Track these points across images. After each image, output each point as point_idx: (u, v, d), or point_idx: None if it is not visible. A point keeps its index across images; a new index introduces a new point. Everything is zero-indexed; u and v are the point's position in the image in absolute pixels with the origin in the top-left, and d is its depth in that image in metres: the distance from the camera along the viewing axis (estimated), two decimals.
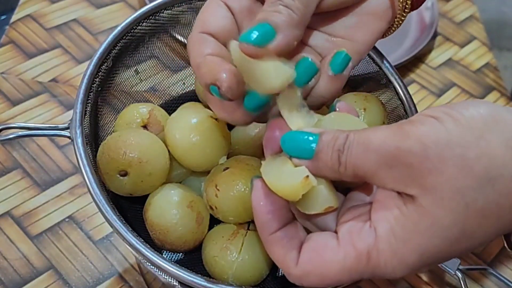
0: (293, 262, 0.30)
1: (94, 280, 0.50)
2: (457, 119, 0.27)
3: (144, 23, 0.45)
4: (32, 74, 0.65)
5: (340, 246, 0.29)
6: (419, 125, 0.27)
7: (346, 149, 0.28)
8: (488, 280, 0.55)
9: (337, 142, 0.29)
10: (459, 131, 0.27)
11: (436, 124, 0.27)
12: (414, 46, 0.74)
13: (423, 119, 0.27)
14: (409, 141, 0.27)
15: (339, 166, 0.29)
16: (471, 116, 0.27)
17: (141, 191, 0.42)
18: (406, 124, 0.28)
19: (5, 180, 0.56)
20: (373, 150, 0.28)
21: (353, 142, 0.28)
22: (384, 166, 0.27)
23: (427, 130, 0.27)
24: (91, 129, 0.42)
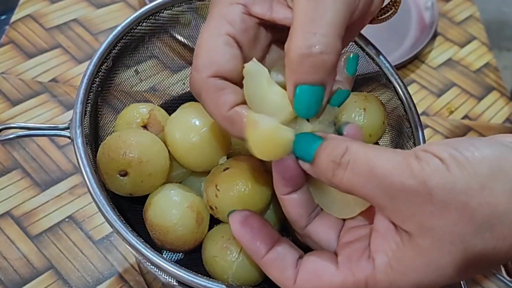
0: (290, 281, 0.31)
1: (94, 280, 0.50)
2: (463, 165, 0.27)
3: (144, 23, 0.45)
4: (32, 74, 0.65)
5: (339, 271, 0.30)
6: (425, 165, 0.27)
7: (344, 164, 0.28)
8: (488, 280, 0.55)
9: (333, 152, 0.29)
10: (464, 178, 0.27)
11: (441, 168, 0.27)
12: (414, 46, 0.74)
13: (430, 159, 0.27)
14: (415, 181, 0.27)
15: (332, 177, 0.29)
16: (477, 162, 0.27)
17: (141, 191, 0.42)
18: (412, 158, 0.27)
19: (5, 180, 0.56)
20: (377, 177, 0.27)
21: (356, 159, 0.28)
22: (385, 196, 0.28)
23: (433, 173, 0.27)
24: (91, 129, 0.42)
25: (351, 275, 0.29)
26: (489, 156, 0.27)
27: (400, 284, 0.28)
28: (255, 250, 0.32)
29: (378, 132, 0.46)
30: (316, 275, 0.30)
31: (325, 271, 0.30)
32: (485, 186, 0.26)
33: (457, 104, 0.72)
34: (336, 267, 0.30)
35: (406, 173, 0.27)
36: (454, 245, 0.27)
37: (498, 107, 0.72)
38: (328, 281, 0.30)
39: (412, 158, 0.27)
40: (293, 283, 0.31)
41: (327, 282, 0.30)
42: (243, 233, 0.32)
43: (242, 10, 0.33)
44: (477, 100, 0.72)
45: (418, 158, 0.27)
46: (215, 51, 0.32)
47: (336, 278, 0.30)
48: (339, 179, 0.29)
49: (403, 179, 0.27)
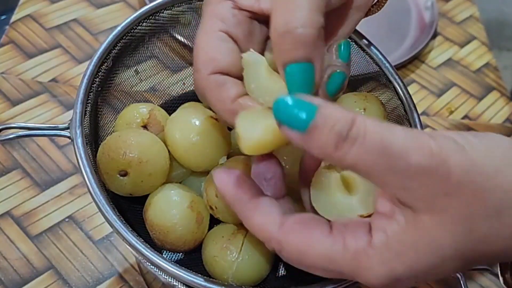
0: (274, 226, 0.29)
1: (94, 280, 0.50)
2: (478, 147, 0.27)
3: (144, 23, 0.45)
4: (32, 74, 0.65)
5: (331, 234, 0.28)
6: (443, 144, 0.26)
7: (353, 138, 0.25)
8: (488, 280, 0.55)
9: (338, 124, 0.25)
10: (480, 160, 0.26)
11: (458, 148, 0.26)
12: (414, 46, 0.74)
13: (445, 140, 0.26)
14: (434, 160, 0.26)
15: (335, 151, 0.26)
16: (491, 147, 0.27)
17: (141, 191, 0.42)
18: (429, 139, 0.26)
19: (5, 180, 0.56)
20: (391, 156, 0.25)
21: (366, 134, 0.25)
22: (397, 174, 0.26)
23: (451, 153, 0.26)
24: (91, 129, 0.42)
25: (342, 242, 0.27)
26: (502, 144, 0.27)
27: (394, 264, 0.27)
28: (239, 194, 0.29)
29: None
30: (306, 228, 0.28)
31: (316, 228, 0.28)
32: (500, 170, 0.26)
33: (457, 104, 0.72)
34: (329, 230, 0.28)
35: (424, 151, 0.25)
36: (461, 225, 0.26)
37: (498, 107, 0.72)
38: (317, 240, 0.28)
39: (427, 137, 0.26)
40: (277, 228, 0.28)
41: (316, 240, 0.28)
42: (227, 181, 0.30)
43: (231, 5, 0.34)
44: (477, 100, 0.72)
45: (433, 137, 0.26)
46: (211, 48, 0.33)
47: (326, 239, 0.28)
48: (342, 155, 0.26)
49: (422, 157, 0.25)
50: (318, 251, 0.28)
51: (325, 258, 0.28)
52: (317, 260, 0.28)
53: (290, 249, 0.28)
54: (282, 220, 0.29)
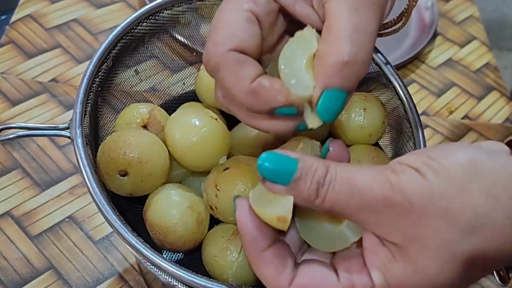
0: (285, 282, 0.29)
1: (94, 280, 0.50)
2: (437, 171, 0.27)
3: (144, 23, 0.45)
4: (32, 74, 0.65)
5: (340, 283, 0.29)
6: (401, 176, 0.27)
7: (327, 184, 0.28)
8: (488, 280, 0.55)
9: (317, 173, 0.28)
10: (441, 183, 0.27)
11: (417, 176, 0.27)
12: (414, 46, 0.74)
13: (405, 170, 0.27)
14: (394, 192, 0.27)
15: (315, 198, 0.28)
16: (451, 166, 0.27)
17: (141, 191, 0.42)
18: (389, 171, 0.28)
19: (5, 180, 0.56)
20: (356, 192, 0.27)
21: (336, 178, 0.28)
22: (368, 210, 0.27)
23: (409, 183, 0.27)
24: (91, 129, 0.42)
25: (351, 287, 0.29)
26: (462, 160, 0.27)
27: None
28: (256, 241, 0.29)
29: (378, 132, 0.46)
30: (316, 281, 0.29)
31: (326, 279, 0.29)
32: (463, 189, 0.27)
33: (457, 104, 0.71)
34: (337, 279, 0.29)
35: (385, 185, 0.27)
36: (440, 252, 0.27)
37: (498, 107, 0.72)
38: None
39: (388, 171, 0.28)
40: (288, 284, 0.29)
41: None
42: (249, 220, 0.30)
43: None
44: (477, 100, 0.72)
45: (394, 170, 0.28)
46: (236, 25, 0.32)
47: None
48: (321, 200, 0.28)
49: (383, 191, 0.27)
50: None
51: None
52: None
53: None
54: (293, 275, 0.30)
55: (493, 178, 0.27)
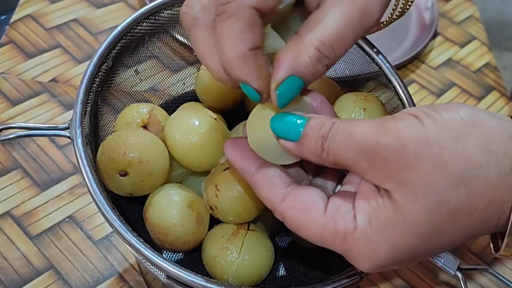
0: (278, 199, 0.31)
1: (94, 280, 0.50)
2: (436, 119, 0.28)
3: (144, 23, 0.45)
4: (32, 74, 0.65)
5: (324, 216, 0.30)
6: (399, 121, 0.28)
7: (330, 136, 0.29)
8: (488, 280, 0.55)
9: (322, 128, 0.30)
10: (437, 131, 0.27)
11: (415, 122, 0.28)
12: (414, 46, 0.74)
13: (404, 116, 0.28)
14: (388, 137, 0.28)
15: (321, 151, 0.30)
16: (450, 117, 0.28)
17: (141, 191, 0.42)
18: (388, 119, 0.29)
19: (5, 180, 0.56)
20: (354, 140, 0.28)
21: (337, 130, 0.29)
22: (363, 157, 0.28)
23: (406, 127, 0.28)
24: (91, 129, 0.42)
25: (333, 224, 0.30)
26: (462, 114, 0.28)
27: (376, 244, 0.29)
28: (246, 167, 0.32)
29: None
30: (303, 207, 0.31)
31: (313, 208, 0.30)
32: (459, 138, 0.27)
33: None
34: (324, 210, 0.30)
35: (380, 131, 0.28)
36: (427, 198, 0.27)
37: (498, 107, 0.72)
38: (312, 220, 0.30)
39: (388, 119, 0.29)
40: (280, 201, 0.31)
41: (311, 219, 0.30)
42: (234, 152, 0.33)
43: None
44: (477, 100, 0.72)
45: (394, 118, 0.29)
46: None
47: (320, 221, 0.30)
48: (326, 153, 0.30)
49: (378, 136, 0.28)
50: (313, 230, 0.30)
51: (318, 237, 0.30)
52: (311, 237, 0.31)
53: (289, 222, 0.31)
54: (285, 194, 0.31)
55: (491, 135, 0.27)
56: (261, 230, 0.43)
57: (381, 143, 0.28)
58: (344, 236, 0.29)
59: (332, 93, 0.49)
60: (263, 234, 0.43)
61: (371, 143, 0.28)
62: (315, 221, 0.30)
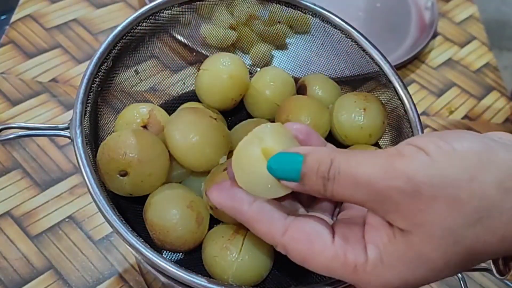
0: (278, 233, 0.30)
1: (94, 280, 0.50)
2: (450, 156, 0.26)
3: (144, 23, 0.45)
4: (32, 74, 0.65)
5: (333, 246, 0.29)
6: (409, 161, 0.27)
7: (332, 178, 0.28)
8: (488, 280, 0.55)
9: (320, 168, 0.28)
10: (452, 170, 0.26)
11: (426, 160, 0.26)
12: (414, 46, 0.74)
13: (414, 153, 0.27)
14: (400, 180, 0.26)
15: (324, 191, 0.29)
16: (465, 152, 0.27)
17: (141, 191, 0.42)
18: (396, 157, 0.27)
19: (5, 180, 0.56)
20: (361, 185, 0.27)
21: (340, 171, 0.28)
22: (373, 201, 0.28)
23: (417, 168, 0.26)
24: (91, 129, 0.42)
25: (343, 255, 0.29)
26: (477, 148, 0.27)
27: (388, 278, 0.28)
28: (237, 206, 0.31)
29: (378, 132, 0.46)
30: (308, 238, 0.29)
31: (319, 238, 0.29)
32: (474, 177, 0.26)
33: (457, 104, 0.72)
34: (331, 240, 0.29)
35: (390, 175, 0.27)
36: (444, 239, 0.27)
37: (498, 107, 0.72)
38: (319, 251, 0.29)
39: (395, 157, 0.27)
40: (281, 235, 0.30)
41: (318, 250, 0.29)
42: (221, 196, 0.31)
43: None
44: (477, 100, 0.72)
45: (401, 154, 0.27)
46: None
47: (328, 252, 0.29)
48: (330, 192, 0.29)
49: (388, 181, 0.27)
50: (321, 261, 0.29)
51: (327, 268, 0.29)
52: (319, 268, 0.29)
53: (294, 255, 0.30)
54: (285, 226, 0.30)
55: (507, 170, 0.26)
56: None
57: (392, 187, 0.27)
58: (355, 268, 0.29)
59: (332, 93, 0.49)
60: None
61: (382, 188, 0.27)
62: (323, 252, 0.29)
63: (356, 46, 0.47)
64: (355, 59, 0.48)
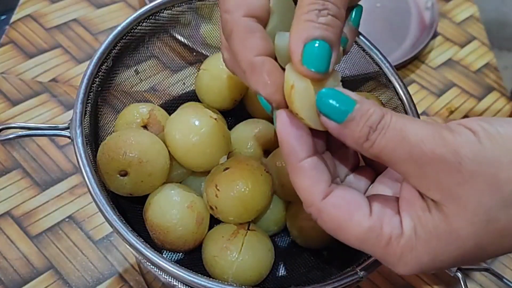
0: (319, 195, 0.30)
1: (94, 280, 0.50)
2: (494, 137, 0.27)
3: (144, 23, 0.45)
4: (32, 74, 0.65)
5: (370, 217, 0.29)
6: (457, 135, 0.27)
7: (380, 129, 0.28)
8: (488, 280, 0.55)
9: (371, 118, 0.28)
10: (495, 150, 0.27)
11: (473, 138, 0.27)
12: (414, 46, 0.74)
13: (461, 130, 0.28)
14: (446, 149, 0.27)
15: (365, 141, 0.28)
16: (509, 136, 0.27)
17: (141, 191, 0.42)
18: (444, 130, 0.28)
19: (5, 180, 0.56)
20: (408, 142, 0.27)
21: (390, 125, 0.28)
22: (414, 163, 0.27)
23: (464, 143, 0.27)
24: (91, 129, 0.42)
25: (379, 227, 0.29)
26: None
27: (420, 252, 0.28)
28: (296, 150, 0.30)
29: None
30: (348, 207, 0.29)
31: (359, 208, 0.29)
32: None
33: (457, 104, 0.72)
34: (369, 212, 0.29)
35: (438, 141, 0.27)
36: (478, 215, 0.27)
37: (498, 107, 0.72)
38: (357, 220, 0.29)
39: (444, 129, 0.28)
40: (321, 198, 0.30)
41: (356, 220, 0.29)
42: (290, 128, 0.30)
43: None
44: (477, 100, 0.72)
45: (450, 129, 0.28)
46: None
47: (366, 222, 0.29)
48: (370, 144, 0.28)
49: (434, 147, 0.27)
50: (355, 232, 0.29)
51: (360, 240, 0.29)
52: (351, 239, 0.29)
53: (328, 221, 0.30)
54: (328, 191, 0.30)
55: None
56: (261, 230, 0.43)
57: (437, 153, 0.27)
58: (389, 241, 0.29)
59: None
60: (263, 234, 0.43)
61: (427, 151, 0.27)
62: (361, 222, 0.29)
63: (356, 46, 0.47)
64: (355, 59, 0.48)
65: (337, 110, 0.29)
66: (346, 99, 0.29)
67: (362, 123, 0.28)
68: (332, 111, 0.29)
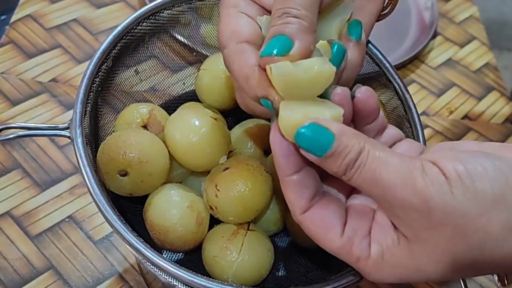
0: (299, 210, 0.32)
1: (94, 280, 0.50)
2: (468, 190, 0.28)
3: (144, 23, 0.45)
4: (32, 74, 0.65)
5: (341, 238, 0.32)
6: (429, 182, 0.28)
7: (356, 167, 0.29)
8: (488, 280, 0.55)
9: (348, 156, 0.29)
10: (465, 202, 0.28)
11: (445, 189, 0.28)
12: (414, 46, 0.74)
13: (436, 176, 0.28)
14: (416, 199, 0.28)
15: (343, 175, 0.30)
16: (482, 191, 0.28)
17: (141, 191, 0.42)
18: (419, 174, 0.28)
19: (5, 180, 0.56)
20: (382, 186, 0.29)
21: (366, 164, 0.29)
22: (387, 203, 0.29)
23: (435, 193, 0.28)
24: (91, 129, 0.42)
25: (349, 246, 0.31)
26: (496, 189, 0.28)
27: (386, 274, 0.31)
28: (282, 167, 0.32)
29: None
30: (323, 224, 0.32)
31: (331, 229, 0.32)
32: (484, 214, 0.28)
33: (457, 104, 0.72)
34: (341, 233, 0.32)
35: (408, 188, 0.28)
36: (444, 257, 0.29)
37: (498, 107, 0.72)
38: (330, 239, 0.32)
39: (418, 172, 0.28)
40: (300, 213, 0.32)
41: (329, 238, 0.32)
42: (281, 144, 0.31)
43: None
44: (477, 100, 0.72)
45: (424, 172, 0.28)
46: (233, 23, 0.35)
47: (337, 242, 0.31)
48: (348, 179, 0.30)
49: (405, 194, 0.28)
50: (329, 246, 0.32)
51: (335, 252, 0.32)
52: (328, 249, 0.32)
53: (307, 231, 0.33)
54: (307, 207, 0.32)
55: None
56: (261, 230, 0.43)
57: (407, 201, 0.28)
58: (358, 259, 0.31)
59: None
60: (263, 234, 0.43)
61: (398, 196, 0.28)
62: (332, 240, 0.32)
63: None
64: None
65: (315, 147, 0.30)
66: (325, 133, 0.30)
67: (340, 160, 0.30)
68: (311, 148, 0.30)
